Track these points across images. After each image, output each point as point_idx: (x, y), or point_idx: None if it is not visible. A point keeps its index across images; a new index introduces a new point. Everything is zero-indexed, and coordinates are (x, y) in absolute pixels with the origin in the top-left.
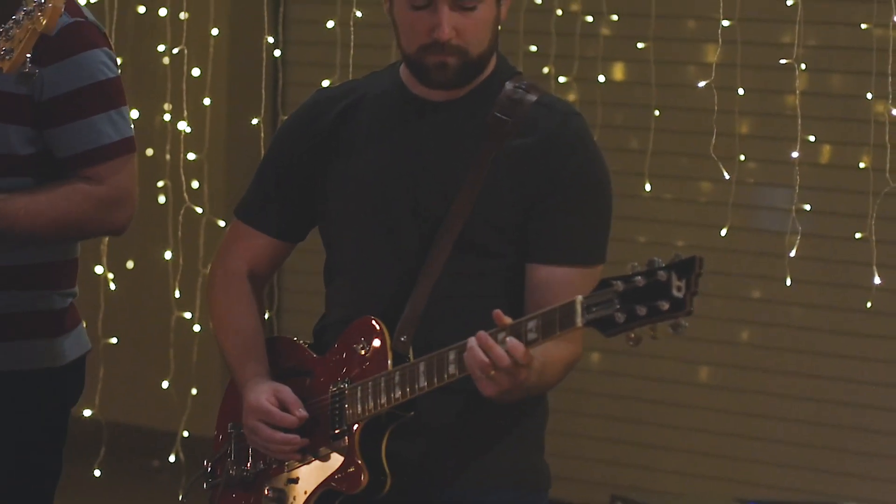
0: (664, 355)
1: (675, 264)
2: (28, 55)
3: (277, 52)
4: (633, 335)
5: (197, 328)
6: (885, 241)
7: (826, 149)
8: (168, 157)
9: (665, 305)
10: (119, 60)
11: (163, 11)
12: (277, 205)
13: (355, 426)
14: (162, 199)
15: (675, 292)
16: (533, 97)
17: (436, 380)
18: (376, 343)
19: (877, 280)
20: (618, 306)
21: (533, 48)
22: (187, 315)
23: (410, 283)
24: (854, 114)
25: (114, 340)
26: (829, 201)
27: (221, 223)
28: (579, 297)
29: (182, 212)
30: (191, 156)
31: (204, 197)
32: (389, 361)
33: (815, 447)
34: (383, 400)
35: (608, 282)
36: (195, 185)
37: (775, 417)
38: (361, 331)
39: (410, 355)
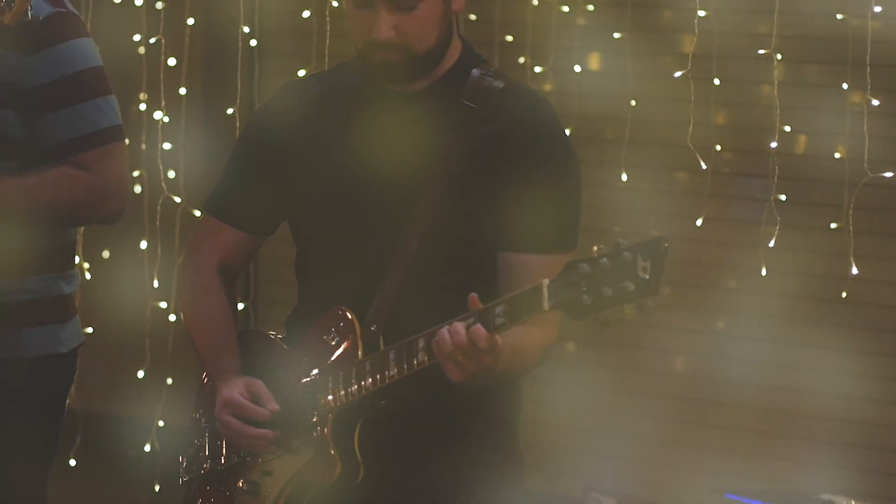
0: (639, 345)
1: (639, 245)
2: (28, 4)
3: (253, 42)
4: (600, 318)
5: (173, 318)
6: (861, 232)
7: (802, 139)
8: (144, 146)
9: (631, 287)
10: None
11: (139, 1)
12: (247, 198)
13: (327, 417)
14: (138, 188)
15: (640, 273)
16: (500, 84)
17: (406, 367)
18: (347, 333)
19: (854, 270)
20: (584, 289)
21: (509, 38)
22: (163, 305)
23: (381, 274)
24: (830, 104)
25: (89, 330)
26: (805, 191)
27: (197, 213)
28: (545, 281)
29: (159, 202)
30: (167, 145)
31: (180, 186)
32: (360, 351)
33: (790, 437)
34: (354, 389)
35: (574, 264)
36: (171, 174)
37: (751, 407)
38: (332, 321)
39: (381, 344)
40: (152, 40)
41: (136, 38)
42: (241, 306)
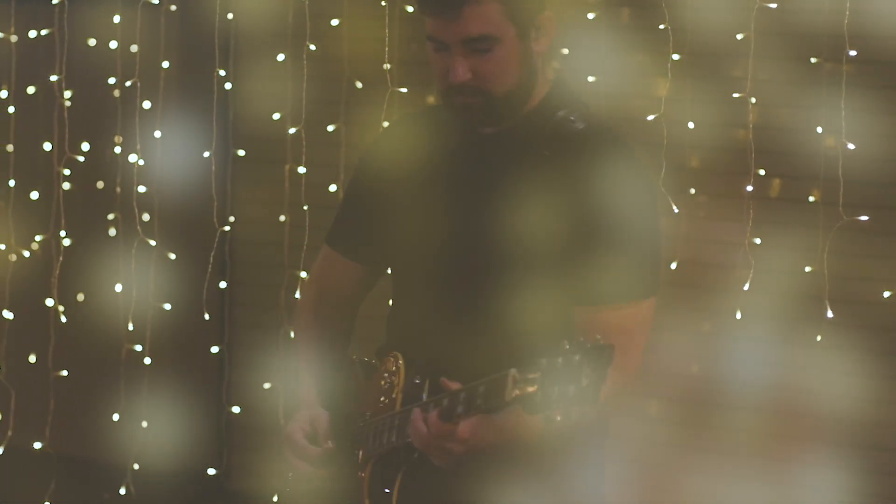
0: None
1: (588, 350)
2: None
3: (228, 85)
4: (550, 414)
5: (147, 361)
6: (836, 276)
7: (777, 182)
8: (119, 189)
9: (572, 390)
10: (70, 93)
11: (113, 44)
12: (357, 232)
13: (368, 462)
14: (113, 231)
15: (583, 379)
16: (580, 126)
17: None
18: (394, 381)
19: (829, 314)
20: (537, 385)
21: None
22: (138, 348)
23: (437, 320)
24: (805, 148)
25: (64, 373)
26: (779, 235)
27: (172, 256)
28: (512, 371)
29: (134, 245)
30: (142, 188)
31: (155, 230)
32: (398, 402)
33: (765, 482)
34: (385, 440)
35: (537, 359)
36: (146, 217)
37: (725, 452)
38: (388, 366)
39: (424, 396)
40: (127, 83)
41: (112, 81)
42: (222, 284)
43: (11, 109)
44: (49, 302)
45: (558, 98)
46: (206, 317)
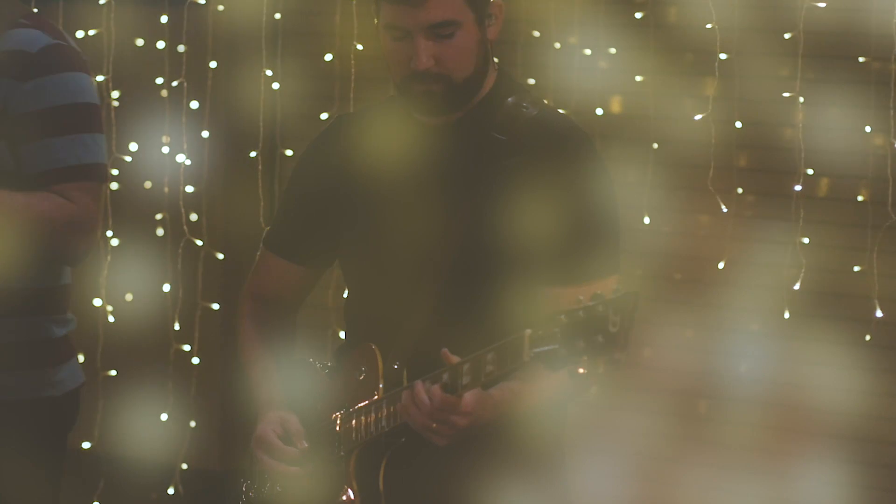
0: (662, 389)
1: (612, 300)
2: None
3: (276, 85)
4: (576, 370)
5: (195, 361)
6: (885, 275)
7: (825, 182)
8: (166, 189)
9: (601, 339)
10: (117, 93)
11: (161, 44)
12: (300, 233)
13: (352, 452)
14: (160, 231)
15: (610, 327)
16: (533, 112)
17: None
18: (372, 370)
19: (878, 313)
20: (560, 340)
21: (531, 81)
22: (186, 348)
23: (409, 310)
24: (853, 147)
25: (113, 373)
26: (828, 235)
27: (220, 256)
28: (527, 331)
29: (181, 244)
30: (189, 188)
31: (203, 229)
32: (380, 388)
33: (812, 481)
34: (372, 427)
35: (554, 316)
36: (194, 217)
37: (774, 451)
38: (361, 357)
39: (405, 382)
40: (175, 83)
41: (159, 81)
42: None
43: None
44: (97, 302)
45: (506, 86)
46: None
